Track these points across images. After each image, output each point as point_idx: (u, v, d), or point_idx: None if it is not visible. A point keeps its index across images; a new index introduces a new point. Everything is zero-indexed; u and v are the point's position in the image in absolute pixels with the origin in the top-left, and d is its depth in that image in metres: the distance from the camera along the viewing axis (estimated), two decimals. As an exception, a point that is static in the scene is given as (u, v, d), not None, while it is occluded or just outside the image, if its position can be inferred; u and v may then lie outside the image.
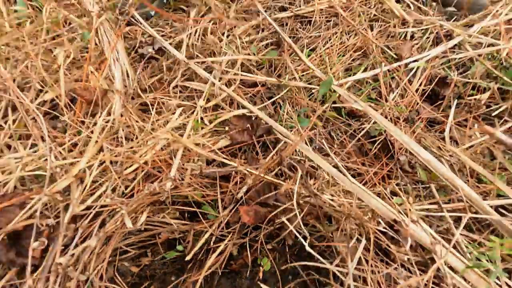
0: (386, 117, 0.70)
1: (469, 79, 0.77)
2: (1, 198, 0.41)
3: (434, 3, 0.87)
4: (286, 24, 0.89)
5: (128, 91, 0.61)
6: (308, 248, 0.39)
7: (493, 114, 0.72)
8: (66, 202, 0.42)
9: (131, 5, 0.80)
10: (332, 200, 0.49)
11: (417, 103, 0.74)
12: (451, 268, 0.45)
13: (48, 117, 0.57)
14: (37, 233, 0.40)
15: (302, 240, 0.42)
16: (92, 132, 0.54)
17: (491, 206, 0.52)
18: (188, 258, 0.49)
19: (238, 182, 0.58)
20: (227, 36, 0.85)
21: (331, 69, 0.79)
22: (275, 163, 0.52)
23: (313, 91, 0.74)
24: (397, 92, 0.75)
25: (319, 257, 0.39)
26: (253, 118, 0.66)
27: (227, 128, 0.63)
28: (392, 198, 0.58)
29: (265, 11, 0.90)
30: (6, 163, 0.44)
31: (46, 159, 0.44)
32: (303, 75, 0.78)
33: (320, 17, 0.88)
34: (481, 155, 0.70)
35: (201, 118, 0.66)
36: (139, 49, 0.72)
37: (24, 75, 0.55)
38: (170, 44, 0.79)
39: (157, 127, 0.60)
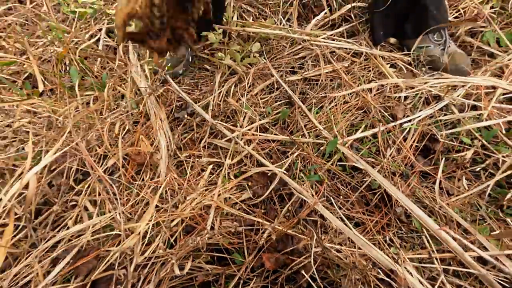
0: (384, 172, 0.81)
1: (457, 134, 0.89)
2: (83, 252, 0.53)
3: (423, 69, 1.01)
4: (297, 85, 1.04)
5: (169, 152, 0.75)
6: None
7: (477, 169, 0.83)
8: (132, 255, 0.54)
9: (164, 68, 0.96)
10: (340, 251, 0.59)
11: (412, 158, 0.86)
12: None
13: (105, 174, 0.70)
14: (108, 280, 0.52)
15: (317, 289, 0.52)
16: (142, 190, 0.67)
17: (474, 257, 0.62)
18: (221, 299, 0.60)
19: (260, 231, 0.69)
20: (246, 95, 1.00)
21: (336, 125, 0.92)
22: (294, 223, 0.63)
23: (321, 148, 0.87)
24: (394, 148, 0.87)
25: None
26: (270, 174, 0.79)
27: (249, 184, 0.75)
28: (391, 247, 0.69)
29: (277, 72, 1.06)
30: (84, 228, 0.56)
31: (114, 218, 0.57)
32: (313, 131, 0.91)
33: (325, 79, 1.03)
34: (469, 205, 0.81)
35: (228, 173, 0.79)
36: (175, 113, 0.86)
37: (89, 143, 0.69)
38: (199, 105, 0.94)
39: (192, 184, 0.73)
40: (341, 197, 0.80)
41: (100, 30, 1.14)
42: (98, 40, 1.12)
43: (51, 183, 0.68)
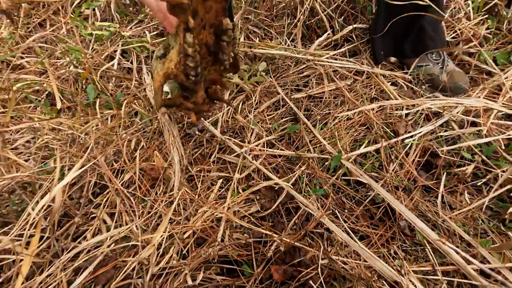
0: (387, 186, 0.84)
1: (458, 150, 0.92)
2: (102, 262, 0.56)
3: (423, 86, 1.05)
4: (301, 102, 1.08)
5: (181, 167, 0.79)
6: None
7: (478, 184, 0.86)
8: (148, 265, 0.57)
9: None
10: (346, 263, 0.62)
11: (414, 173, 0.88)
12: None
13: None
14: (125, 289, 0.54)
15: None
16: (155, 203, 0.70)
17: (476, 270, 0.64)
18: (231, 309, 0.62)
19: (268, 244, 0.72)
20: (253, 112, 1.04)
21: (340, 141, 0.96)
22: (301, 235, 0.66)
23: (325, 163, 0.90)
24: (396, 163, 0.90)
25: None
26: (277, 188, 0.82)
27: (258, 197, 0.78)
28: (395, 259, 0.71)
29: (283, 90, 1.11)
30: (103, 238, 0.60)
31: (131, 230, 0.60)
32: (318, 146, 0.95)
33: (329, 97, 1.07)
34: (472, 219, 0.83)
35: (236, 187, 0.82)
36: (187, 129, 0.91)
37: (107, 158, 0.74)
38: (209, 122, 0.99)
39: (203, 198, 0.76)
40: (346, 210, 0.82)
41: (115, 51, 1.21)
42: (113, 60, 1.19)
43: (70, 196, 0.72)
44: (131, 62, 1.17)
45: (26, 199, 0.60)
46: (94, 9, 1.45)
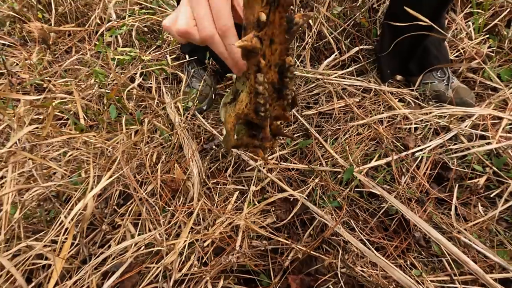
0: (400, 198, 0.86)
1: (469, 162, 0.94)
2: (127, 268, 0.59)
3: (430, 102, 1.09)
4: (312, 118, 1.13)
5: (199, 179, 0.82)
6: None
7: (491, 196, 0.86)
8: (171, 271, 0.59)
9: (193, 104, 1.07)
10: (363, 271, 0.63)
11: (426, 185, 0.90)
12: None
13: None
14: (149, 294, 0.56)
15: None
16: (176, 212, 0.73)
17: (496, 279, 0.64)
18: (250, 319, 0.62)
19: (285, 253, 0.73)
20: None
21: (351, 155, 0.99)
22: (318, 242, 0.67)
23: (338, 176, 0.93)
24: (408, 176, 0.92)
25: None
26: (292, 199, 0.84)
27: (273, 209, 0.81)
28: (412, 270, 0.71)
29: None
30: (127, 246, 0.62)
31: (154, 237, 0.63)
32: (330, 160, 0.98)
33: (339, 113, 1.11)
34: (487, 231, 0.83)
35: (252, 200, 0.85)
36: (204, 144, 0.96)
37: (131, 171, 0.78)
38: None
39: (220, 208, 0.79)
40: (360, 222, 0.84)
41: (135, 74, 1.30)
42: (134, 82, 1.27)
43: (96, 207, 0.75)
44: (151, 83, 1.24)
45: (59, 207, 0.64)
46: (116, 36, 1.57)
